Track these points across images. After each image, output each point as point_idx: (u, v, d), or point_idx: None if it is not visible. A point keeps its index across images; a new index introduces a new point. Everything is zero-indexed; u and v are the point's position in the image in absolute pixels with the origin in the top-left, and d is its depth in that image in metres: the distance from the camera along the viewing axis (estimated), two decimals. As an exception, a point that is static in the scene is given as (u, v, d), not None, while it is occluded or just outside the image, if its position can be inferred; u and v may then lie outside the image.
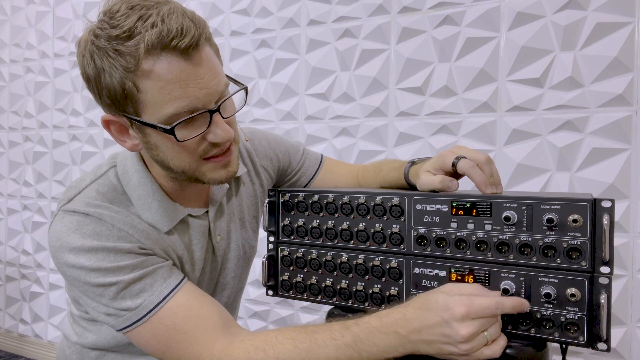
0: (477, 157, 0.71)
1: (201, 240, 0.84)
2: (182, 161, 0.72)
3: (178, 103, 0.66)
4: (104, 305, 0.72)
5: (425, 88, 1.62)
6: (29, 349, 2.57)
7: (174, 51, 0.64)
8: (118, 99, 0.67)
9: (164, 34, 0.63)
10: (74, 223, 0.72)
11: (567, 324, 0.62)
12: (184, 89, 0.65)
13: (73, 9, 2.38)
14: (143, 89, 0.65)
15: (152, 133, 0.70)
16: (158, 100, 0.66)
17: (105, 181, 0.78)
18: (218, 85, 0.69)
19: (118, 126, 0.73)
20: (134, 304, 0.71)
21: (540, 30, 1.45)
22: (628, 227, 1.37)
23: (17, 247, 2.58)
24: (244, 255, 0.94)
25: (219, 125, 0.70)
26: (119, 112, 0.69)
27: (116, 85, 0.65)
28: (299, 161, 1.03)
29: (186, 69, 0.65)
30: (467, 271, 0.67)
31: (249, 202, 0.95)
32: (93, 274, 0.70)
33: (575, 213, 0.61)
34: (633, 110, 1.36)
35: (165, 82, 0.65)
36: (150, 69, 0.64)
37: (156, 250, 0.76)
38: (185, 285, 0.74)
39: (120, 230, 0.73)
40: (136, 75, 0.64)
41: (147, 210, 0.77)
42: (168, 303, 0.72)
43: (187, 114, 0.67)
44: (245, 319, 1.96)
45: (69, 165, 2.41)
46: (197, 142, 0.70)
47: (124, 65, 0.64)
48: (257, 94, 1.92)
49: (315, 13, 1.80)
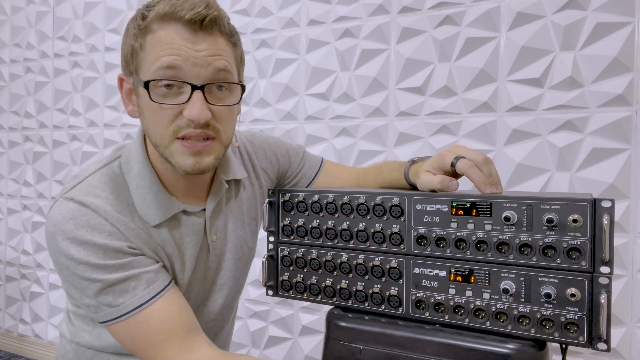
0: (475, 157, 0.72)
1: (194, 239, 0.84)
2: (157, 131, 0.74)
3: (163, 60, 0.70)
4: (87, 297, 0.75)
5: (425, 88, 1.62)
6: (29, 349, 2.57)
7: (179, 22, 0.70)
8: (128, 58, 0.74)
9: (176, 5, 0.70)
10: (69, 211, 0.74)
11: (567, 324, 0.62)
12: (175, 50, 0.70)
13: (73, 9, 2.38)
14: (145, 46, 0.72)
15: (142, 93, 0.73)
16: (151, 57, 0.71)
17: (109, 170, 0.80)
18: (213, 64, 0.72)
19: (127, 88, 0.79)
20: (116, 302, 0.74)
21: (540, 30, 1.45)
22: (628, 227, 1.37)
23: (17, 247, 2.58)
24: (242, 256, 0.94)
25: (196, 102, 0.71)
26: (128, 73, 0.76)
27: (129, 43, 0.74)
28: (299, 163, 1.03)
29: (185, 37, 0.70)
30: (467, 271, 0.67)
31: (248, 204, 0.95)
32: (81, 266, 0.72)
33: (575, 213, 0.61)
34: (633, 110, 1.36)
35: (162, 42, 0.70)
36: (155, 29, 0.71)
37: (145, 250, 0.77)
38: (167, 294, 0.76)
39: (112, 226, 0.74)
40: (143, 34, 0.72)
41: (142, 200, 0.78)
42: (146, 310, 0.74)
43: (170, 78, 0.71)
44: (245, 319, 1.96)
45: (69, 165, 2.41)
46: (173, 114, 0.72)
47: (137, 26, 0.72)
48: (257, 94, 1.92)
49: (315, 13, 1.80)
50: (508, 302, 0.65)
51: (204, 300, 0.90)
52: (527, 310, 0.64)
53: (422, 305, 0.71)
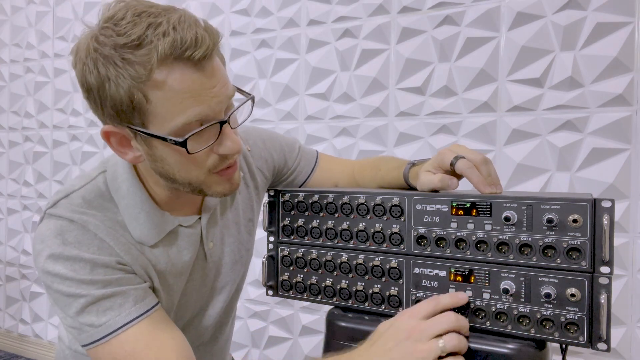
0: (474, 157, 0.71)
1: (191, 249, 0.81)
2: (190, 173, 0.70)
3: (189, 113, 0.63)
4: (70, 317, 0.70)
5: (425, 88, 1.62)
6: (29, 349, 2.57)
7: (187, 62, 0.62)
8: (124, 110, 0.63)
9: (177, 43, 0.60)
10: (57, 228, 0.70)
11: (567, 324, 0.62)
12: (195, 98, 0.63)
13: (73, 9, 2.38)
14: (153, 99, 0.62)
15: (159, 145, 0.67)
16: (168, 111, 0.63)
17: (93, 187, 0.75)
18: (227, 94, 0.67)
19: (119, 138, 0.69)
20: (99, 321, 0.68)
21: (540, 30, 1.45)
22: (628, 227, 1.37)
23: (17, 247, 2.58)
24: (240, 259, 0.92)
25: (228, 136, 0.68)
26: (123, 124, 0.66)
27: (123, 95, 0.62)
28: (294, 160, 1.01)
29: (198, 80, 0.63)
30: (467, 271, 0.67)
31: (244, 206, 0.93)
32: (67, 282, 0.68)
33: (575, 213, 0.61)
34: (633, 110, 1.36)
35: (176, 92, 0.62)
36: (163, 79, 0.61)
37: (135, 267, 0.73)
38: (155, 313, 0.72)
39: (101, 240, 0.71)
40: (146, 85, 0.61)
41: (134, 220, 0.74)
42: (132, 328, 0.69)
43: (197, 124, 0.64)
44: (245, 319, 1.96)
45: (69, 165, 2.41)
46: (205, 154, 0.68)
47: (133, 75, 0.61)
48: (257, 94, 1.92)
49: (315, 13, 1.80)
50: (508, 302, 0.65)
51: (203, 306, 0.89)
52: (527, 310, 0.64)
53: (422, 305, 0.70)
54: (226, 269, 0.90)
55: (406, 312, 0.65)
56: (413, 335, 0.61)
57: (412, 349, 0.61)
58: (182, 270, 0.81)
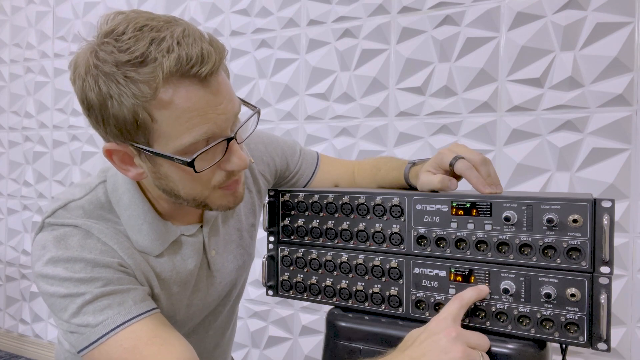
0: (473, 157, 0.71)
1: (194, 258, 0.80)
2: (194, 190, 0.68)
3: (196, 132, 0.61)
4: (65, 322, 0.67)
5: (425, 88, 1.62)
6: (29, 349, 2.57)
7: (193, 78, 0.59)
8: (127, 128, 0.61)
9: (182, 60, 0.58)
10: (60, 234, 0.69)
11: (567, 324, 0.62)
12: (202, 116, 0.61)
13: (73, 9, 2.38)
14: (159, 118, 0.60)
15: (165, 163, 0.65)
16: (174, 130, 0.61)
17: (93, 198, 0.74)
18: (234, 111, 0.66)
19: (122, 155, 0.67)
20: (95, 321, 0.65)
21: (540, 30, 1.45)
22: (628, 227, 1.37)
23: (17, 247, 2.58)
24: (243, 264, 0.92)
25: (235, 152, 0.67)
26: (126, 142, 0.64)
27: (126, 114, 0.59)
28: (296, 163, 1.00)
29: (205, 97, 0.61)
30: (467, 271, 0.68)
31: (246, 211, 0.93)
32: (65, 283, 0.66)
33: (575, 213, 0.61)
34: (633, 110, 1.36)
35: (183, 111, 0.60)
36: (169, 98, 0.59)
37: (136, 271, 0.71)
38: (156, 314, 0.69)
39: (104, 244, 0.69)
40: (151, 104, 0.59)
41: (137, 232, 0.73)
42: (132, 326, 0.65)
43: (204, 143, 0.63)
44: (245, 319, 1.96)
45: (69, 165, 2.41)
46: (212, 171, 0.67)
47: (137, 94, 0.58)
48: (257, 94, 1.92)
49: (315, 13, 1.80)
50: (508, 302, 0.65)
51: (208, 315, 0.89)
52: (527, 310, 0.64)
53: (422, 305, 0.71)
54: (230, 277, 0.89)
55: (436, 317, 0.64)
56: (451, 335, 0.60)
57: (449, 348, 0.59)
58: (186, 278, 0.79)
